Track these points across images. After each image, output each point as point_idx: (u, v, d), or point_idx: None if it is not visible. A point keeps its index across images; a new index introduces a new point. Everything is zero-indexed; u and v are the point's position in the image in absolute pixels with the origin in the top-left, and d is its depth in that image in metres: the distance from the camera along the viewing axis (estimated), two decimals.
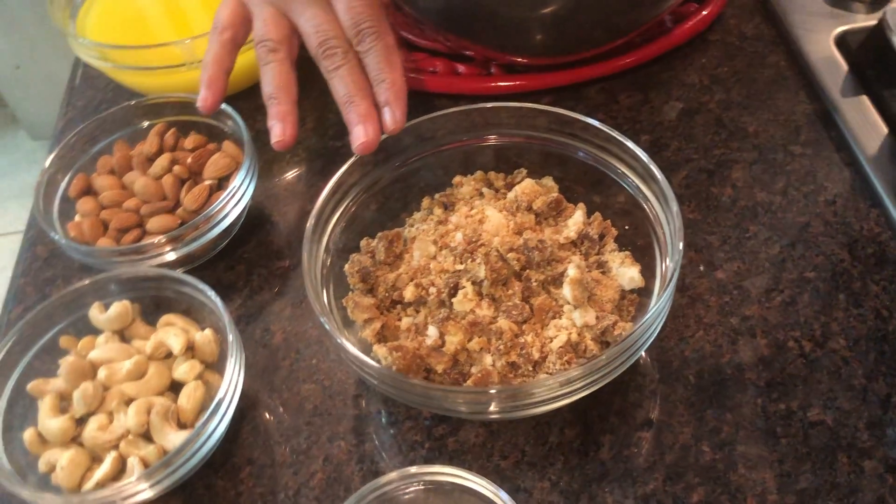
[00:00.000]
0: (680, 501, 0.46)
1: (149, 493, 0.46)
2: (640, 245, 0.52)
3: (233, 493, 0.50)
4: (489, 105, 0.55)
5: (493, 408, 0.44)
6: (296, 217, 0.63)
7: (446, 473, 0.44)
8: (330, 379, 0.54)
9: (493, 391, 0.43)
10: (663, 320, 0.46)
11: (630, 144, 0.51)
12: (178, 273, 0.52)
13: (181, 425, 0.48)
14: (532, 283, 0.49)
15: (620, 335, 0.47)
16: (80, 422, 0.49)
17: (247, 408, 0.53)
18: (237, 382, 0.48)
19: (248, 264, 0.61)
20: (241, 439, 0.52)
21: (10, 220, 1.99)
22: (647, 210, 0.51)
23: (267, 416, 0.53)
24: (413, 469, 0.44)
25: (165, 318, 0.53)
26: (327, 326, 0.45)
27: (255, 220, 0.63)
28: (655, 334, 0.45)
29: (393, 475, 0.44)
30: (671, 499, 0.46)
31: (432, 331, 0.48)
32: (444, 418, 0.51)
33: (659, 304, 0.44)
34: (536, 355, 0.47)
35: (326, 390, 0.53)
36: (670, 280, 0.44)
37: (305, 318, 0.57)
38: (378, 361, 0.47)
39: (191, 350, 0.51)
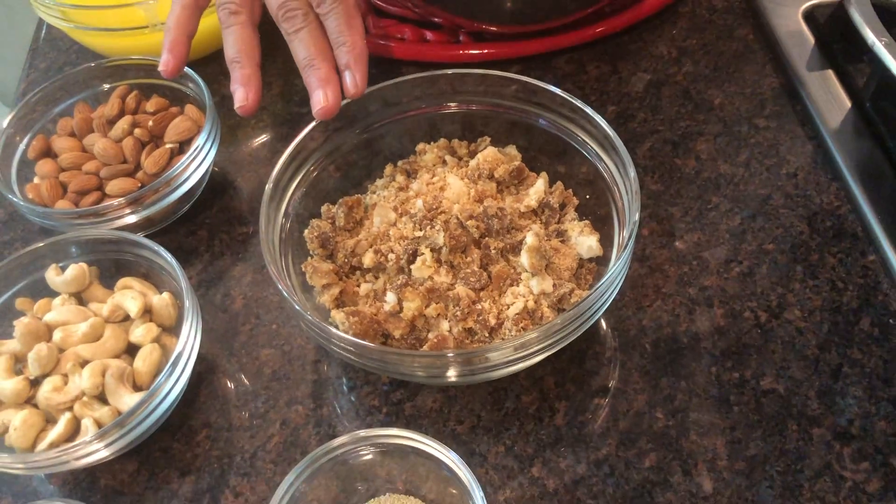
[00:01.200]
0: (632, 466, 0.46)
1: (103, 454, 0.46)
2: (601, 215, 0.52)
3: (189, 455, 0.50)
4: (455, 71, 0.55)
5: (449, 373, 0.45)
6: (259, 183, 0.63)
7: (399, 436, 0.44)
8: (289, 344, 0.54)
9: (448, 355, 0.43)
10: (619, 286, 0.46)
11: (591, 112, 0.51)
12: (136, 236, 0.52)
13: (137, 388, 0.48)
14: (491, 251, 0.49)
15: (577, 302, 0.47)
16: (35, 383, 0.48)
17: (205, 372, 0.53)
18: (193, 345, 0.48)
19: (209, 229, 0.60)
20: (198, 403, 0.52)
21: None
22: (608, 179, 0.51)
23: (225, 380, 0.53)
24: (363, 432, 0.44)
25: (123, 281, 0.52)
26: (284, 292, 0.45)
27: (217, 185, 0.63)
28: (610, 300, 0.46)
29: (345, 438, 0.44)
30: (623, 464, 0.46)
31: (391, 297, 0.48)
32: (402, 384, 0.51)
33: (615, 269, 0.44)
34: (493, 322, 0.47)
35: (286, 355, 0.53)
36: (626, 244, 0.45)
37: (266, 283, 0.57)
38: (336, 327, 0.47)
39: (148, 314, 0.51)
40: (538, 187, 0.52)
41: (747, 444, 0.47)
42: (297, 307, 0.44)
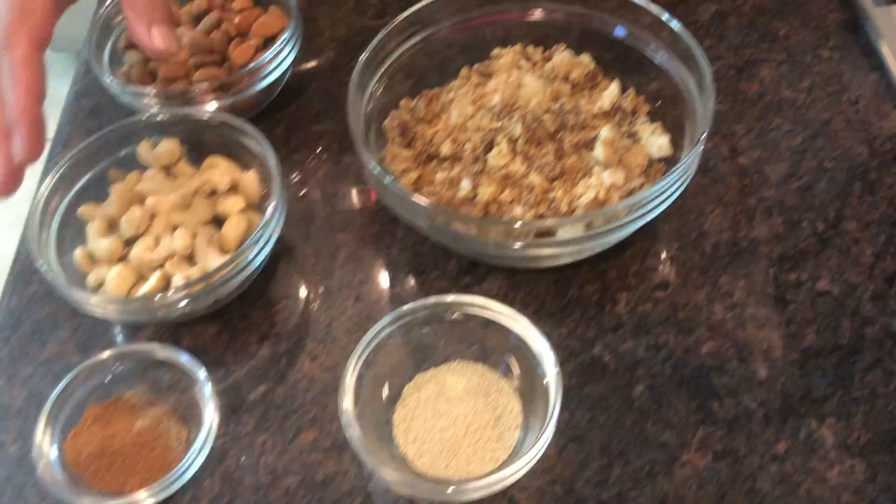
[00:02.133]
0: (690, 352, 0.49)
1: (188, 307, 0.49)
2: (671, 121, 0.54)
3: (267, 322, 0.53)
4: None
5: (518, 244, 0.47)
6: (335, 86, 0.65)
7: (471, 304, 0.47)
8: (363, 231, 0.56)
9: (521, 224, 0.46)
10: (686, 181, 0.48)
11: (670, 20, 0.52)
12: (226, 115, 0.54)
13: (223, 252, 0.51)
14: (565, 145, 0.51)
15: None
16: (127, 245, 0.51)
17: (283, 251, 0.56)
18: (279, 217, 0.51)
19: (287, 126, 0.63)
20: (276, 277, 0.54)
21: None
22: (681, 88, 0.53)
23: (302, 259, 0.55)
24: (434, 299, 0.46)
25: (210, 159, 0.55)
26: (371, 166, 0.48)
27: (294, 87, 0.65)
28: (678, 192, 0.48)
29: (417, 304, 0.47)
30: (682, 349, 0.49)
31: (465, 183, 0.51)
32: (470, 269, 0.54)
33: (686, 162, 0.46)
34: (564, 209, 0.49)
35: (360, 241, 0.56)
36: (698, 140, 0.47)
37: (339, 177, 0.59)
38: None
39: (234, 189, 0.54)
40: (611, 90, 0.54)
41: (802, 337, 0.49)
42: (386, 180, 0.47)
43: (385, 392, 0.47)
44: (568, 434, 0.46)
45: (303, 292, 0.54)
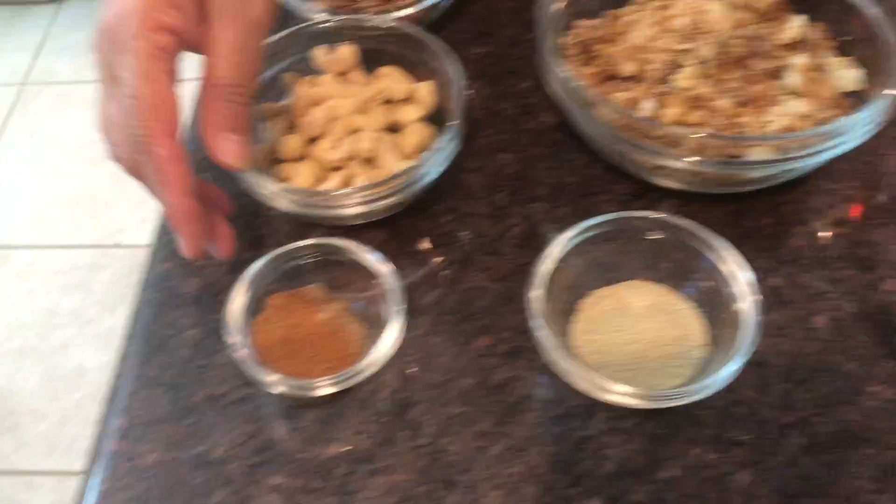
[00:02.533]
0: (872, 287, 0.48)
1: (359, 209, 0.49)
2: (859, 58, 0.53)
3: (436, 233, 0.53)
4: None
5: (704, 161, 0.46)
6: (494, 10, 0.65)
7: (661, 220, 0.47)
8: (526, 151, 0.56)
9: (711, 135, 0.45)
10: (881, 119, 0.47)
11: None
12: (407, 24, 0.54)
13: (405, 157, 0.51)
14: (753, 72, 0.50)
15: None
16: (310, 143, 0.52)
17: (449, 167, 0.56)
18: (458, 123, 0.51)
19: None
20: (441, 191, 0.54)
21: None
22: (873, 23, 0.51)
23: (466, 175, 0.55)
24: (622, 214, 0.47)
25: (384, 69, 0.55)
26: (560, 71, 0.48)
27: (455, 6, 0.64)
28: (873, 130, 0.47)
29: (605, 217, 0.47)
30: (863, 285, 0.48)
31: (648, 104, 0.50)
32: (641, 193, 0.53)
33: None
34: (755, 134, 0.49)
35: (525, 161, 0.56)
36: None
37: (500, 97, 0.59)
38: None
39: (408, 99, 0.54)
40: (798, 21, 0.53)
41: None
42: (573, 84, 0.47)
43: (562, 305, 0.47)
44: (750, 358, 0.46)
45: (469, 207, 0.54)
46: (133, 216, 1.69)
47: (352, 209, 0.49)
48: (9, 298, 1.60)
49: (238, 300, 0.46)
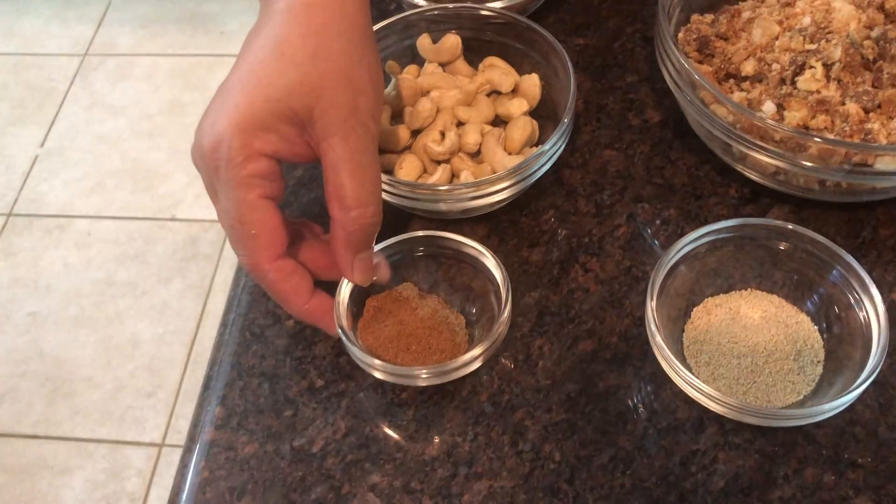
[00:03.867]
0: None
1: (464, 205, 0.47)
2: None
3: (537, 230, 0.51)
4: None
5: (831, 171, 0.45)
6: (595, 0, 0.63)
7: (777, 227, 0.45)
8: (632, 149, 0.55)
9: (835, 140, 0.44)
10: None
11: None
12: (516, 15, 0.53)
13: (508, 153, 0.50)
14: (884, 75, 0.48)
15: None
16: (414, 135, 0.51)
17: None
18: (570, 123, 0.49)
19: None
20: (543, 188, 0.53)
21: None
22: None
23: (569, 171, 0.54)
24: (733, 222, 0.45)
25: (489, 59, 0.54)
26: (676, 56, 0.46)
27: None
28: None
29: (723, 224, 0.45)
30: None
31: (769, 105, 0.48)
32: (752, 197, 0.51)
33: None
34: (883, 142, 0.46)
35: (628, 158, 0.54)
36: None
37: (603, 92, 0.57)
38: None
39: (514, 91, 0.53)
40: None
41: None
42: (693, 79, 0.45)
43: (674, 312, 0.46)
44: None
45: (571, 204, 0.52)
46: (189, 190, 1.70)
47: (457, 204, 0.48)
48: (66, 267, 1.61)
49: (344, 291, 0.45)
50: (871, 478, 0.41)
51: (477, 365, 0.43)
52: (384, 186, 0.47)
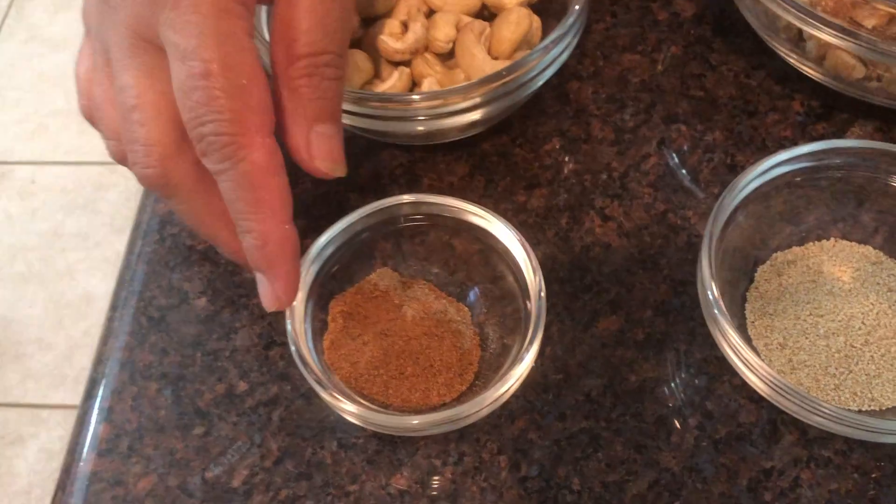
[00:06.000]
0: None
1: (434, 126, 0.34)
2: None
3: (537, 165, 0.38)
4: None
5: None
6: None
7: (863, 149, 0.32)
8: (660, 52, 0.41)
9: None
10: None
11: None
12: None
13: (493, 57, 0.36)
14: None
15: None
16: (366, 24, 0.37)
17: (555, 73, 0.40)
18: (582, 19, 0.35)
19: None
20: (545, 107, 0.40)
21: None
22: None
23: (578, 84, 0.40)
24: (810, 147, 0.32)
25: None
26: None
27: None
28: None
29: (793, 152, 0.32)
30: None
31: None
32: (823, 114, 0.38)
33: None
34: None
35: (654, 64, 0.40)
36: None
37: None
38: None
39: None
40: None
41: None
42: None
43: (731, 275, 0.33)
44: None
45: (583, 129, 0.39)
46: None
47: (407, 125, 0.34)
48: (9, 219, 1.48)
49: (298, 311, 0.31)
50: None
51: (511, 392, 0.30)
52: None
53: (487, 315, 0.33)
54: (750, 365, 0.28)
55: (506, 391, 0.29)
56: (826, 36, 0.33)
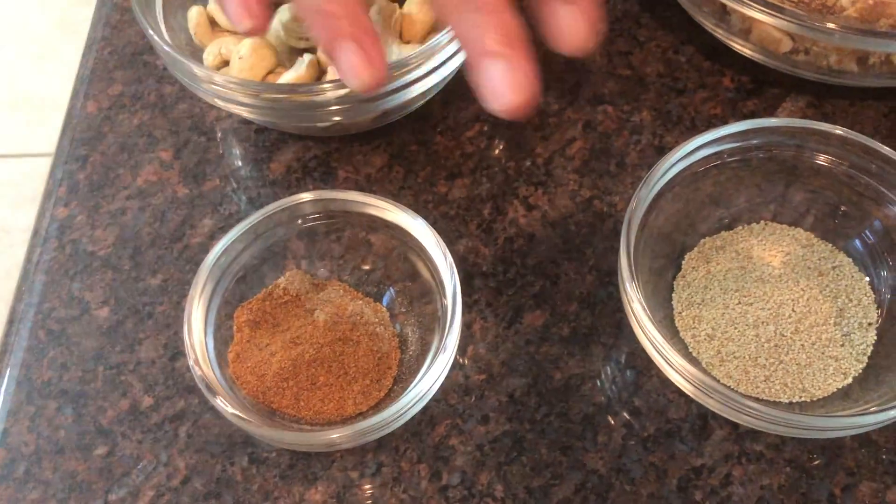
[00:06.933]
0: None
1: (344, 115, 0.32)
2: None
3: (458, 154, 0.36)
4: None
5: (869, 39, 0.30)
6: None
7: (792, 128, 0.30)
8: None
9: None
10: None
11: None
12: None
13: (405, 42, 0.34)
14: None
15: None
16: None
17: None
18: None
19: None
20: (464, 91, 0.37)
21: None
22: None
23: None
24: (736, 126, 0.30)
25: None
26: None
27: None
28: None
29: (718, 132, 0.30)
30: None
31: None
32: (755, 89, 0.37)
33: None
34: None
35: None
36: None
37: None
38: None
39: None
40: None
41: None
42: None
43: (657, 263, 0.31)
44: None
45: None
46: None
47: (324, 116, 0.32)
48: None
49: (195, 301, 0.29)
50: None
51: (430, 396, 0.29)
52: (209, 86, 0.31)
53: (406, 315, 0.32)
54: (672, 363, 0.27)
55: (413, 404, 0.28)
56: (748, 10, 0.31)
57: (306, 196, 0.31)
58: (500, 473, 0.29)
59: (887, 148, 0.30)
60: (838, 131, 0.30)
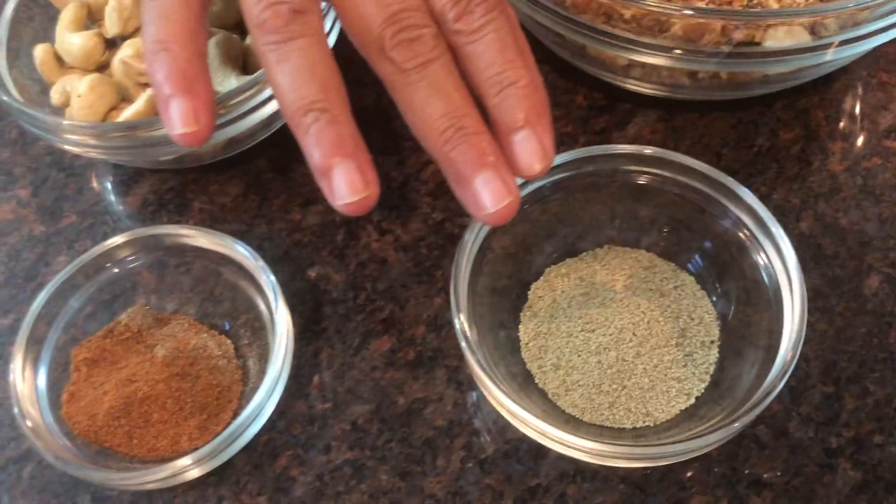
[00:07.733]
0: None
1: (187, 149, 0.33)
2: None
3: (313, 182, 0.36)
4: None
5: (697, 59, 0.30)
6: None
7: (644, 160, 0.31)
8: None
9: (707, 10, 0.29)
10: None
11: None
12: None
13: (247, 72, 0.34)
14: None
15: None
16: (111, 46, 0.35)
17: None
18: (335, 28, 0.34)
19: None
20: None
21: None
22: None
23: (361, 91, 0.38)
24: (579, 153, 0.31)
25: None
26: None
27: None
28: None
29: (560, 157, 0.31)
30: None
31: None
32: (606, 107, 0.37)
33: None
34: (775, 6, 0.32)
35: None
36: None
37: None
38: None
39: None
40: None
41: None
42: None
43: (501, 291, 0.32)
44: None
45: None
46: None
47: (168, 150, 0.32)
48: None
49: (19, 363, 0.29)
50: (783, 499, 0.29)
51: (262, 422, 0.29)
52: (66, 132, 0.31)
53: (249, 347, 0.32)
54: (506, 408, 0.27)
55: (238, 436, 0.28)
56: (577, 36, 0.32)
57: (119, 239, 0.31)
58: (339, 502, 0.30)
59: (713, 170, 0.30)
60: (661, 153, 0.30)
